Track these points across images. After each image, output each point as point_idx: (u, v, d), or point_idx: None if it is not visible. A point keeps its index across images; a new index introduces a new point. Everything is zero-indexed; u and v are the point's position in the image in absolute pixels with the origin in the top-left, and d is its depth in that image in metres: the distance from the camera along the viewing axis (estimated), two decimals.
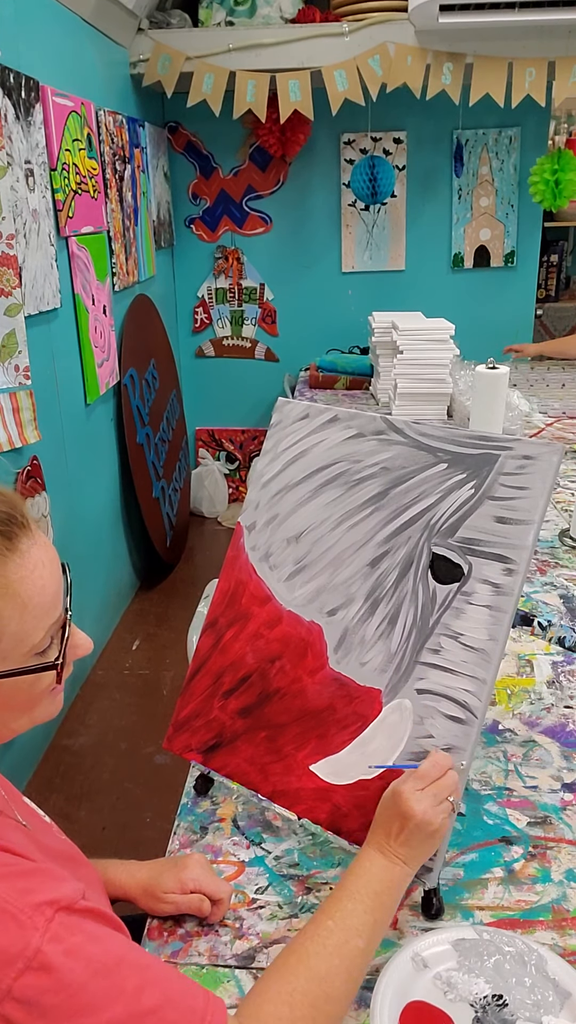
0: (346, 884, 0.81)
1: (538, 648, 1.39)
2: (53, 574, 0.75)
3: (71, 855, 0.87)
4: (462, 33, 3.01)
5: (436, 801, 0.82)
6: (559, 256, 4.64)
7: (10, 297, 2.00)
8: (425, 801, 0.82)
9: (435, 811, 0.82)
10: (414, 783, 0.83)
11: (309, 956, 0.75)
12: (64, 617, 0.78)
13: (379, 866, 0.82)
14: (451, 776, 0.84)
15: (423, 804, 0.81)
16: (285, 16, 3.32)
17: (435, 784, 0.83)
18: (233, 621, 1.06)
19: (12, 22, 2.16)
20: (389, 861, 0.82)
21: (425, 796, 0.82)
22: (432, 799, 0.82)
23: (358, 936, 0.77)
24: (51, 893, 0.67)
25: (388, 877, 0.81)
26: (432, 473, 0.95)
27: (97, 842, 2.14)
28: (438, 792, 0.83)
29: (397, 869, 0.82)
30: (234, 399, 4.41)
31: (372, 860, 0.82)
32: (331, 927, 0.77)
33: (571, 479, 2.11)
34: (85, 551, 2.81)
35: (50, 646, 0.75)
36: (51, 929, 0.65)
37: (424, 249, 4.10)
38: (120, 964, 0.67)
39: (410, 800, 0.82)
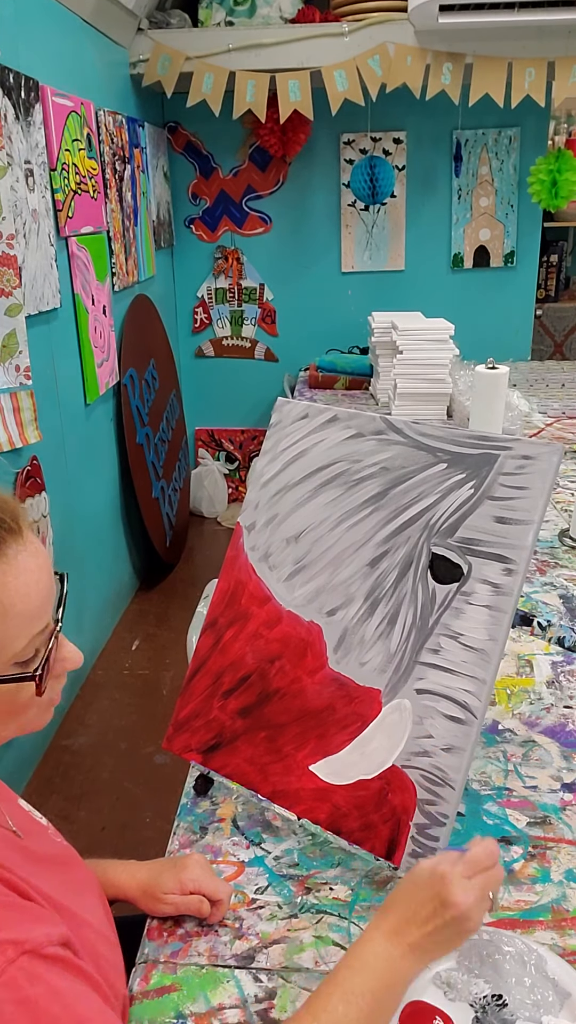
0: (341, 978, 0.69)
1: (538, 648, 1.39)
2: (40, 582, 0.72)
3: (64, 859, 0.86)
4: (462, 33, 3.01)
5: (482, 896, 0.71)
6: (559, 256, 4.64)
7: (10, 297, 2.00)
8: (472, 893, 0.70)
9: (479, 907, 0.70)
10: (464, 867, 0.71)
11: None
12: (53, 628, 0.75)
13: (385, 960, 0.69)
14: (500, 870, 0.73)
15: (469, 895, 0.69)
16: (285, 16, 3.32)
17: (485, 874, 0.72)
18: (233, 621, 1.06)
19: (12, 22, 2.16)
20: (399, 953, 0.69)
21: (473, 888, 0.70)
22: (479, 892, 0.71)
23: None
24: (18, 933, 0.62)
25: (394, 974, 0.69)
26: (432, 473, 0.95)
27: (97, 842, 2.14)
28: (485, 885, 0.71)
29: (406, 964, 0.69)
30: (234, 399, 4.41)
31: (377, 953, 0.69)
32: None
33: (571, 479, 2.11)
34: (85, 551, 2.80)
35: (34, 656, 0.73)
36: (8, 972, 0.59)
37: (424, 249, 4.10)
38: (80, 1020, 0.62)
39: (456, 887, 0.69)
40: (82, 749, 2.53)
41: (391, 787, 0.90)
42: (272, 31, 3.25)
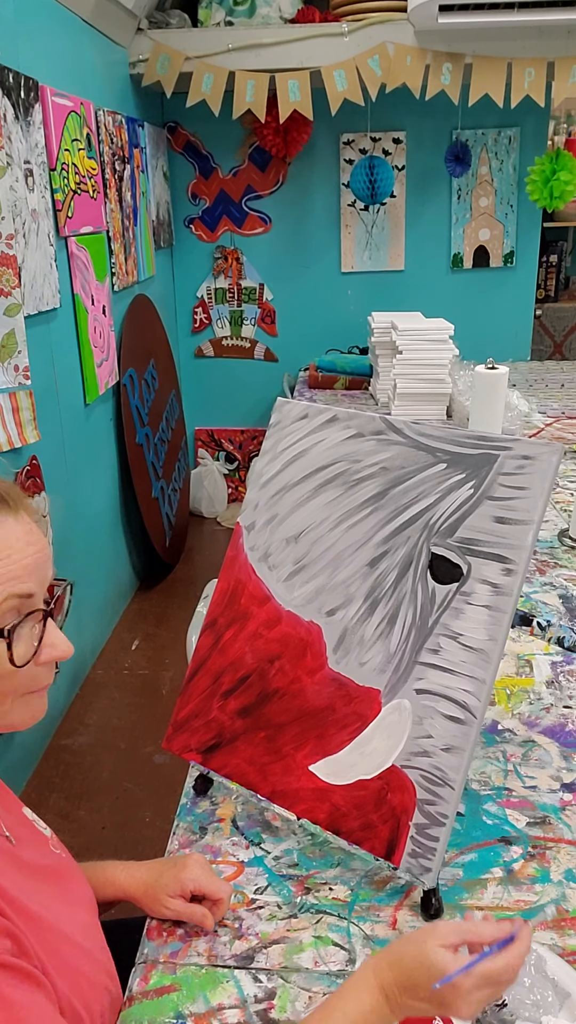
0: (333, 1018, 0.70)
1: (537, 648, 1.39)
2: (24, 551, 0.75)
3: (58, 871, 0.85)
4: (461, 33, 3.01)
5: (486, 1002, 0.70)
6: (558, 256, 4.64)
7: (9, 297, 2.00)
8: (475, 1004, 0.69)
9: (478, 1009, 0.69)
10: (477, 981, 0.68)
11: None
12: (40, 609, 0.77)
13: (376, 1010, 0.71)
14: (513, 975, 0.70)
15: (472, 1008, 0.68)
16: (284, 16, 3.32)
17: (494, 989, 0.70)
18: (232, 621, 1.06)
19: (12, 22, 2.16)
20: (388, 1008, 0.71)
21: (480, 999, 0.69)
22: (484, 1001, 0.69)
23: None
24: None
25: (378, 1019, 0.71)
26: (431, 473, 0.95)
27: (96, 842, 2.14)
28: (493, 996, 0.70)
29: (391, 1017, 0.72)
30: (233, 399, 4.41)
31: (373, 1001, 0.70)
32: None
33: (570, 479, 2.11)
34: (84, 551, 2.80)
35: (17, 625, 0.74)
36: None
37: (423, 249, 4.10)
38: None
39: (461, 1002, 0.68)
40: (82, 749, 2.53)
41: (390, 787, 0.90)
42: (272, 31, 3.25)
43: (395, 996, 0.71)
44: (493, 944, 0.70)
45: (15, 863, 0.78)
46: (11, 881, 0.73)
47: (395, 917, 0.89)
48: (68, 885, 0.86)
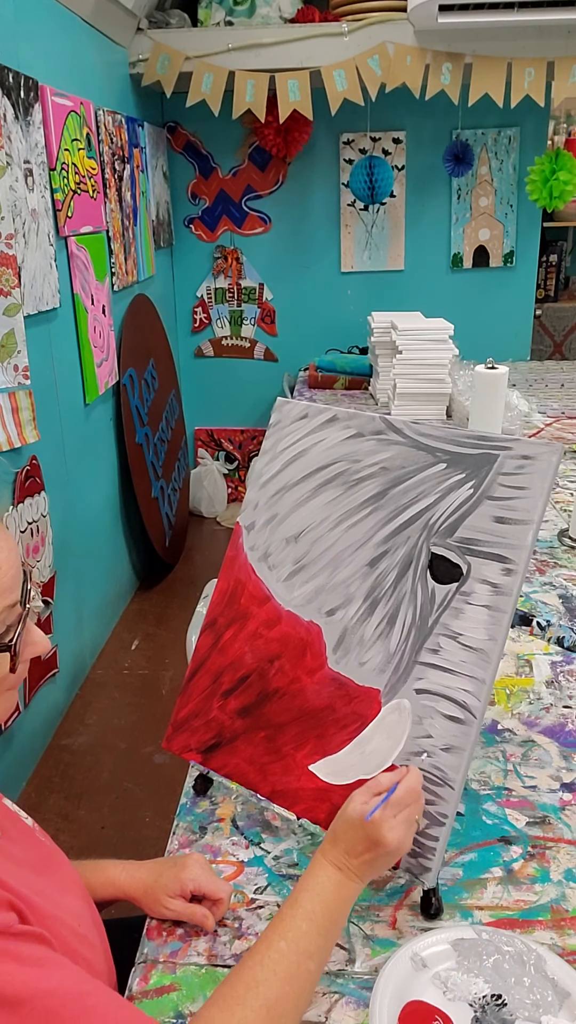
0: (301, 900, 0.80)
1: (537, 648, 1.39)
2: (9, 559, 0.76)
3: (46, 860, 0.86)
4: (461, 33, 3.01)
5: (408, 827, 0.82)
6: (558, 256, 4.64)
7: (9, 297, 2.00)
8: (399, 829, 0.81)
9: (407, 836, 0.82)
10: (389, 810, 0.82)
11: (259, 984, 0.73)
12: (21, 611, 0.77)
13: (336, 882, 0.81)
14: (422, 799, 0.85)
15: (396, 833, 0.81)
16: (284, 16, 3.32)
17: (407, 809, 0.83)
18: (232, 621, 1.06)
19: (12, 22, 2.16)
20: (346, 877, 0.81)
21: (399, 824, 0.81)
22: (405, 826, 0.82)
23: (310, 959, 0.76)
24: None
25: (343, 894, 0.81)
26: (431, 473, 0.95)
27: (96, 841, 2.14)
28: (409, 817, 0.83)
29: (352, 886, 0.81)
30: (233, 399, 4.40)
31: (329, 876, 0.81)
32: (283, 949, 0.76)
33: (570, 479, 2.11)
34: (84, 551, 2.80)
35: (5, 632, 0.76)
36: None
37: (423, 249, 4.10)
38: (56, 990, 0.65)
39: (384, 829, 0.80)
40: (82, 748, 2.53)
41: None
42: (271, 31, 3.25)
43: (345, 863, 0.82)
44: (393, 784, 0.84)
45: (4, 854, 0.78)
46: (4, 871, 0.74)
47: (395, 917, 0.90)
48: (57, 873, 0.86)
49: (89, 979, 0.69)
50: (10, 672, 0.76)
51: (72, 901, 0.84)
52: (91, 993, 0.68)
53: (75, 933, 0.80)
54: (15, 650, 0.75)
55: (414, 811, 0.83)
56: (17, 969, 0.65)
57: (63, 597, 2.56)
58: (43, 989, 0.65)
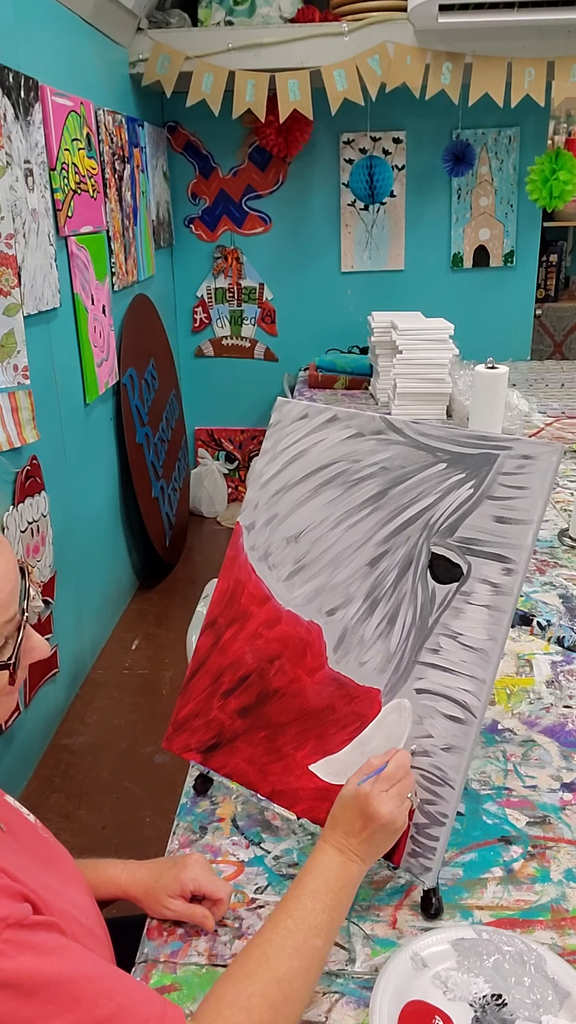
0: (305, 882, 0.81)
1: (537, 648, 1.39)
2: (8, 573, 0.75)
3: (50, 856, 0.87)
4: (461, 33, 3.01)
5: (400, 801, 0.84)
6: (558, 256, 4.64)
7: (9, 297, 2.00)
8: (391, 802, 0.82)
9: (400, 811, 0.83)
10: (380, 784, 0.84)
11: (268, 958, 0.75)
12: (20, 619, 0.76)
13: (338, 864, 0.82)
14: (411, 775, 0.87)
15: (389, 806, 0.82)
16: (284, 16, 3.32)
17: (398, 784, 0.84)
18: (232, 621, 1.06)
19: (12, 22, 2.16)
20: (348, 859, 0.83)
21: (390, 797, 0.83)
22: (396, 799, 0.83)
23: (317, 936, 0.77)
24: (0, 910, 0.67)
25: (346, 875, 0.82)
26: (431, 473, 0.95)
27: (96, 841, 2.14)
28: (401, 792, 0.84)
29: (355, 867, 0.83)
30: (233, 399, 4.40)
31: (331, 858, 0.83)
32: (290, 926, 0.77)
33: (570, 479, 2.11)
34: (84, 550, 2.80)
35: (3, 646, 0.75)
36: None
37: (423, 249, 4.10)
38: (73, 975, 0.67)
39: (376, 802, 0.82)
40: (82, 748, 2.53)
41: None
42: (272, 31, 3.25)
43: (345, 844, 0.83)
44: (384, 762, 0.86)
45: (9, 849, 0.78)
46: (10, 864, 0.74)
47: (395, 916, 0.90)
48: (60, 868, 0.87)
49: (103, 963, 0.71)
50: (9, 684, 0.76)
51: (77, 896, 0.85)
52: (107, 976, 0.69)
53: (82, 927, 0.80)
54: (14, 668, 0.75)
55: (405, 786, 0.85)
56: (34, 958, 0.66)
57: (63, 597, 2.56)
58: (60, 975, 0.66)
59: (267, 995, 0.72)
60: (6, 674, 0.75)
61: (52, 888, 0.79)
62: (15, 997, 0.63)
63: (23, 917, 0.68)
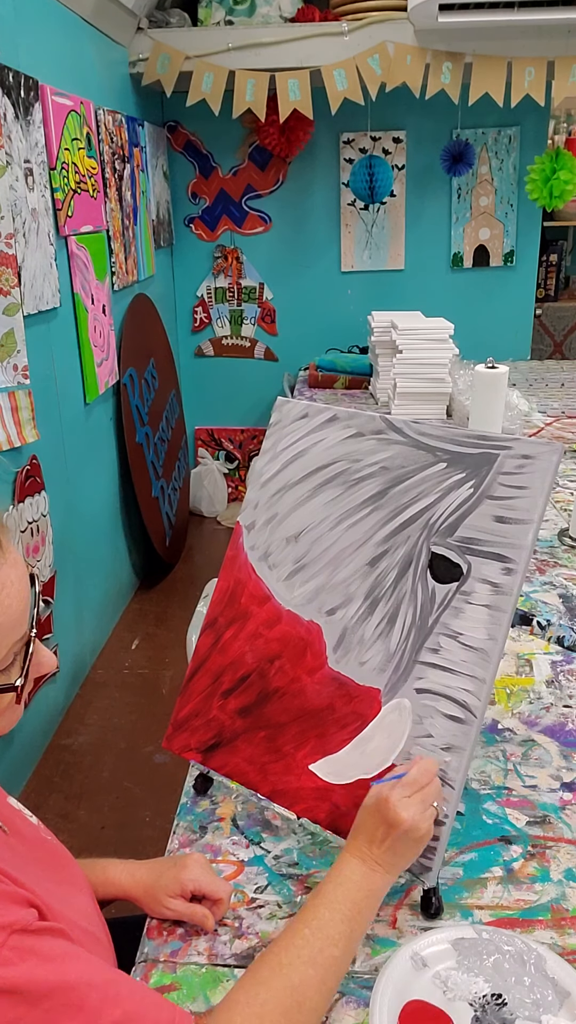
0: (324, 891, 0.80)
1: (537, 647, 1.39)
2: (20, 593, 0.73)
3: (52, 858, 0.86)
4: (461, 32, 3.01)
5: (423, 808, 0.82)
6: (558, 256, 4.64)
7: (9, 296, 2.00)
8: (413, 808, 0.81)
9: (423, 817, 0.81)
10: (401, 790, 0.82)
11: (283, 966, 0.74)
12: (29, 634, 0.75)
13: (360, 874, 0.81)
14: (437, 782, 0.84)
15: (411, 811, 0.80)
16: (284, 15, 3.32)
17: (422, 791, 0.83)
18: (232, 620, 1.06)
19: (12, 21, 2.16)
20: (370, 868, 0.81)
21: (412, 803, 0.81)
22: (420, 806, 0.81)
23: (334, 946, 0.76)
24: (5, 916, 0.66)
25: (368, 885, 0.80)
26: (431, 472, 0.95)
27: (96, 841, 2.14)
28: (425, 799, 0.82)
29: (378, 877, 0.81)
30: (233, 398, 4.40)
31: (352, 868, 0.81)
32: (307, 935, 0.76)
33: (570, 478, 2.11)
34: (84, 550, 2.80)
35: (12, 664, 0.74)
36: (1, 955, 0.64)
37: (423, 248, 4.10)
38: (78, 982, 0.66)
39: (398, 807, 0.80)
40: (82, 748, 2.53)
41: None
42: (272, 30, 3.25)
43: (367, 854, 0.81)
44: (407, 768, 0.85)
45: (12, 851, 0.78)
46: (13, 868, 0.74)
47: (395, 916, 0.90)
48: (63, 870, 0.86)
49: (110, 968, 0.70)
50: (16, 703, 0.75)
51: (78, 898, 0.85)
52: (112, 982, 0.68)
53: (84, 931, 0.80)
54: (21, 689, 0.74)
55: (429, 792, 0.83)
56: (38, 965, 0.65)
57: (63, 597, 2.56)
58: (66, 982, 0.65)
59: (280, 1003, 0.71)
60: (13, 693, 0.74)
61: (55, 892, 0.79)
62: (20, 1004, 0.63)
63: (28, 923, 0.67)
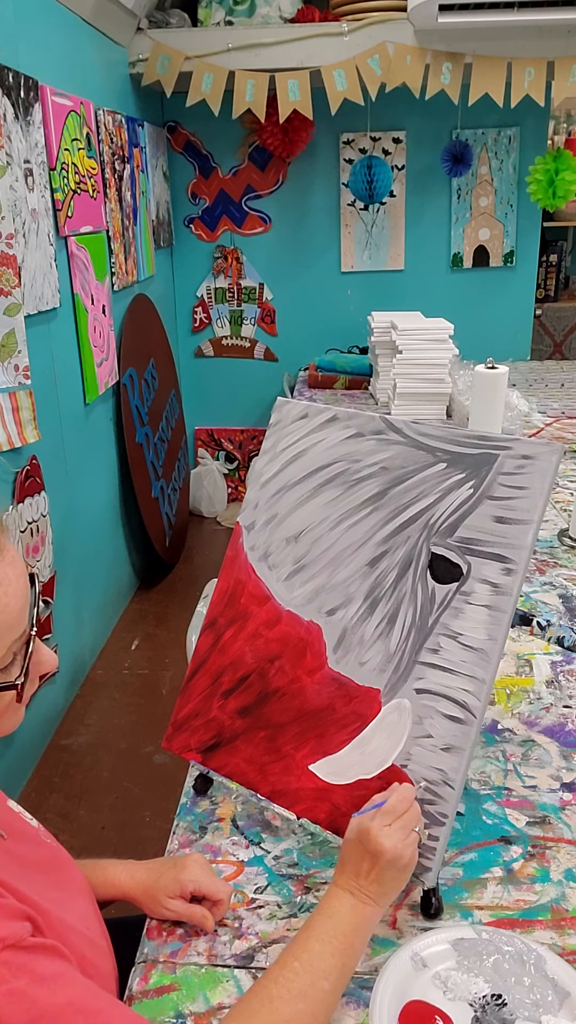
0: (314, 925, 0.79)
1: (537, 648, 1.39)
2: (19, 591, 0.73)
3: (52, 862, 0.86)
4: (461, 33, 3.01)
5: (405, 835, 0.81)
6: (558, 256, 4.64)
7: (9, 297, 2.00)
8: (395, 836, 0.81)
9: (404, 845, 0.81)
10: (381, 819, 0.82)
11: (272, 1000, 0.73)
12: (29, 633, 0.75)
13: (348, 906, 0.80)
14: (416, 808, 0.84)
15: (392, 840, 0.80)
16: (284, 16, 3.32)
17: (402, 818, 0.83)
18: (232, 621, 1.06)
19: (11, 22, 2.16)
20: (359, 901, 0.80)
21: (394, 831, 0.81)
22: (401, 833, 0.81)
23: (324, 979, 0.75)
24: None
25: (357, 918, 0.80)
26: (431, 473, 0.95)
27: (96, 841, 2.14)
28: (405, 825, 0.82)
29: (367, 909, 0.80)
30: (233, 399, 4.40)
31: (341, 900, 0.81)
32: (297, 969, 0.75)
33: (570, 479, 2.11)
34: (84, 551, 2.80)
35: (12, 663, 0.73)
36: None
37: (423, 249, 4.10)
38: (68, 1006, 0.65)
39: (379, 837, 0.80)
40: (82, 748, 2.53)
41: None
42: (271, 31, 3.24)
43: (355, 885, 0.81)
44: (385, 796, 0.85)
45: (10, 857, 0.78)
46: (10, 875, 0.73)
47: (395, 916, 0.90)
48: (63, 874, 0.86)
49: (102, 995, 0.69)
50: (17, 702, 0.75)
51: (79, 903, 0.84)
52: (103, 1011, 0.67)
53: (83, 937, 0.79)
54: (22, 687, 0.74)
55: (409, 819, 0.83)
56: (29, 984, 0.64)
57: (63, 597, 2.56)
58: (55, 1005, 0.64)
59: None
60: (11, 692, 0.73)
61: (53, 897, 0.78)
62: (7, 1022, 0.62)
63: (21, 939, 0.67)
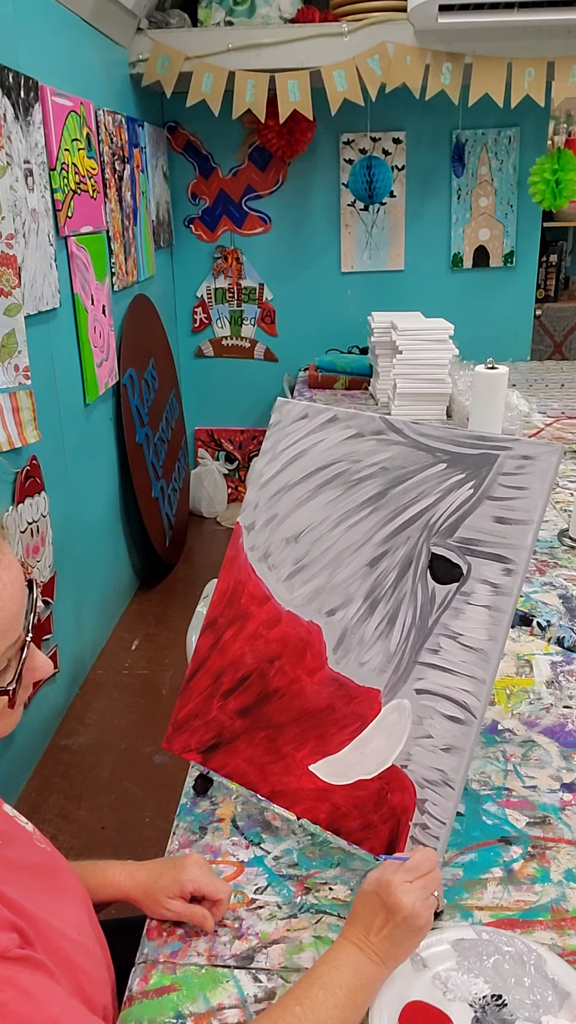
0: (318, 972, 0.77)
1: (537, 648, 1.39)
2: (13, 596, 0.71)
3: (46, 867, 0.85)
4: (461, 33, 3.01)
5: (425, 895, 0.78)
6: (558, 256, 4.63)
7: (9, 297, 2.00)
8: (415, 893, 0.77)
9: (423, 905, 0.78)
10: (404, 874, 0.79)
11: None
12: (24, 638, 0.74)
13: (355, 960, 0.77)
14: (438, 872, 0.82)
15: (412, 897, 0.77)
16: (284, 16, 3.32)
17: (424, 878, 0.80)
18: (232, 621, 1.06)
19: (11, 22, 2.16)
20: (366, 957, 0.77)
21: (414, 889, 0.78)
22: (421, 892, 0.78)
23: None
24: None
25: (363, 975, 0.76)
26: (431, 473, 0.95)
27: (96, 842, 2.14)
28: (427, 886, 0.79)
29: (373, 968, 0.77)
30: (233, 399, 4.40)
31: (348, 953, 0.78)
32: (298, 1014, 0.73)
33: (570, 479, 2.11)
34: (84, 551, 2.80)
35: (5, 668, 0.73)
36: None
37: (423, 249, 4.10)
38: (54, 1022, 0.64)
39: (399, 892, 0.77)
40: (82, 749, 2.53)
41: (390, 787, 0.90)
42: (271, 31, 3.24)
43: (364, 941, 0.78)
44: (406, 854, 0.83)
45: (3, 862, 0.77)
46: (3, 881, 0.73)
47: None
48: (58, 880, 0.85)
49: (85, 1014, 0.68)
50: (9, 708, 0.74)
51: (72, 909, 0.84)
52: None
53: (75, 943, 0.79)
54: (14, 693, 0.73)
55: (431, 881, 0.80)
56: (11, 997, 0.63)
57: (63, 597, 2.56)
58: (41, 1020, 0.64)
59: None
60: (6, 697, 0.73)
61: (45, 904, 0.78)
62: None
63: (6, 949, 0.66)
